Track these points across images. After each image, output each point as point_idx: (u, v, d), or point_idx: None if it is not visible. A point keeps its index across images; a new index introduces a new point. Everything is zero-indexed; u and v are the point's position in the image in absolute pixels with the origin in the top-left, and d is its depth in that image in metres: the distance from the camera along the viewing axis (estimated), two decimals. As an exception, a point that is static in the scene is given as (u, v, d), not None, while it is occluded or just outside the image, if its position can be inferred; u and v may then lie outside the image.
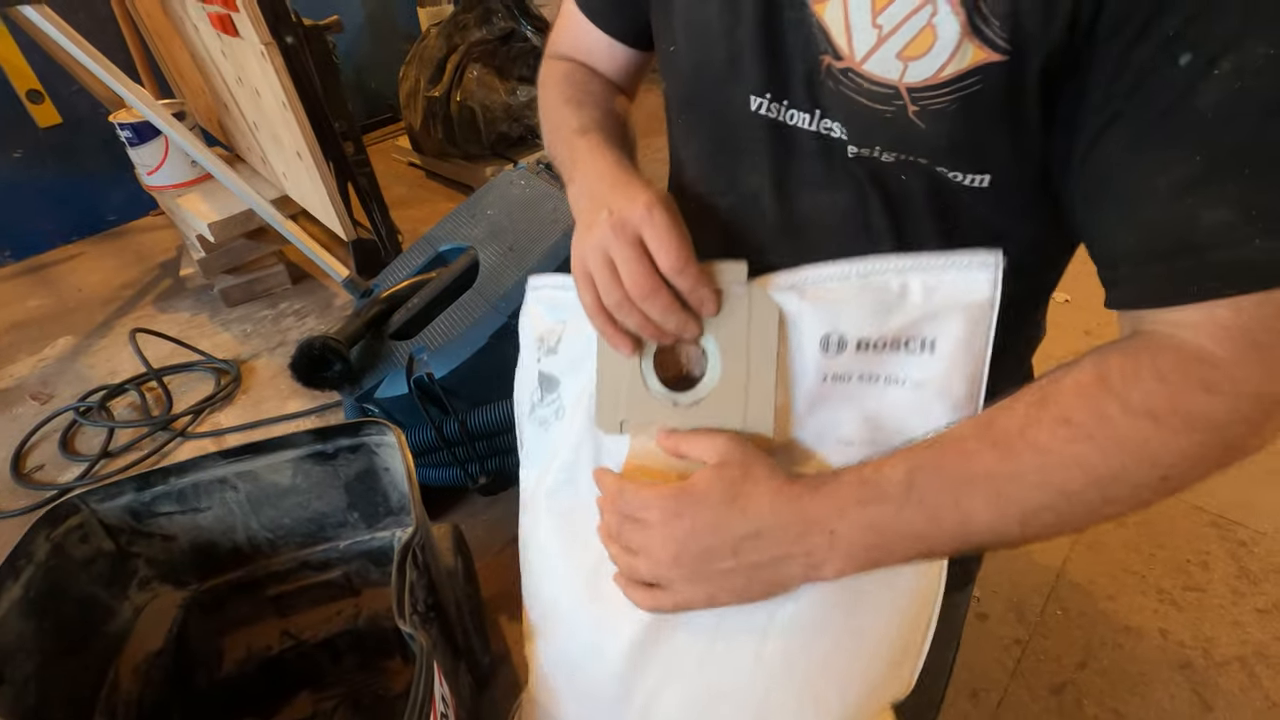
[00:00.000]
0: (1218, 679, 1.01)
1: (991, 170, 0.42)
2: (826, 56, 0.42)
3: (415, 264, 1.40)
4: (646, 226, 0.45)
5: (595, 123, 0.57)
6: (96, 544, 0.85)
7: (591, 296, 0.47)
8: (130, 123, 1.88)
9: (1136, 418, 0.36)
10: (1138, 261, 0.37)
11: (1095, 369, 0.38)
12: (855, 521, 0.42)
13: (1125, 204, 0.37)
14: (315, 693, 1.01)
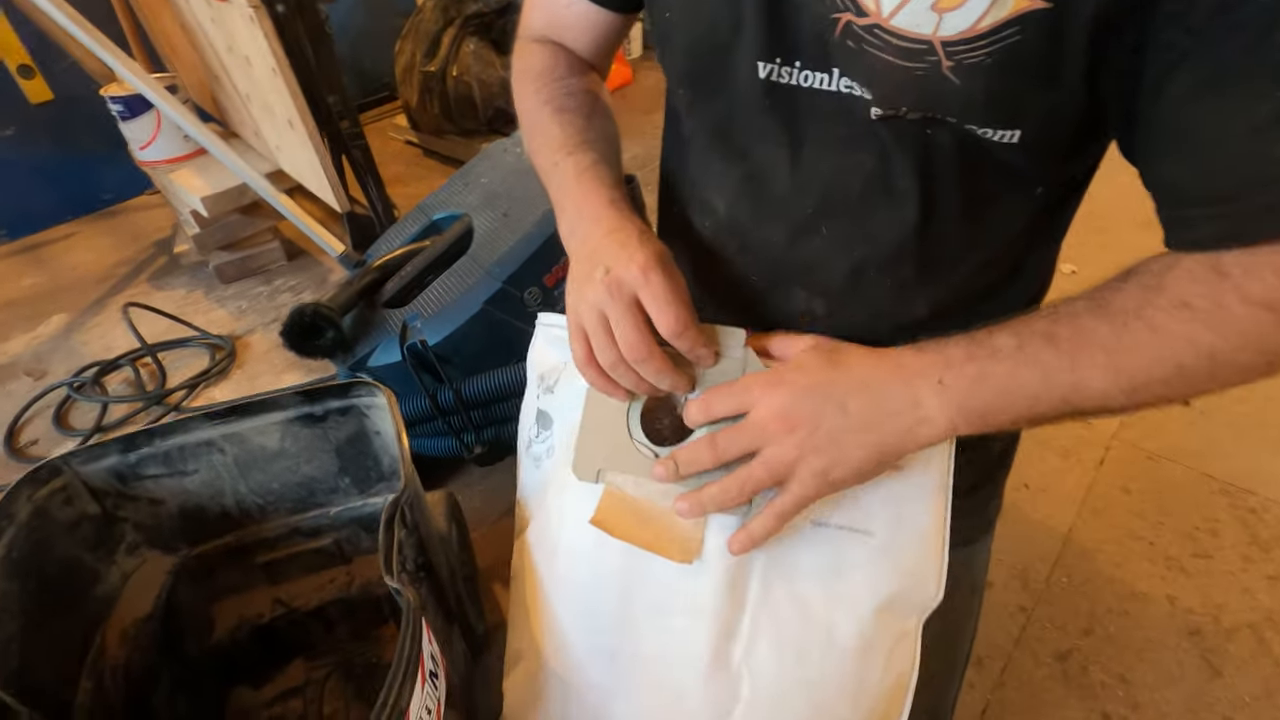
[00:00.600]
0: (1227, 645, 0.99)
1: (1023, 126, 0.40)
2: (845, 14, 0.40)
3: (409, 233, 1.38)
4: (644, 290, 0.45)
5: (581, 137, 0.55)
6: (81, 507, 0.83)
7: (584, 350, 0.48)
8: (121, 96, 1.85)
9: (1254, 308, 0.36)
10: (1212, 203, 0.36)
11: (1209, 259, 0.38)
12: (964, 373, 0.42)
13: (1200, 147, 0.36)
14: (308, 661, 1.00)
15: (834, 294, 0.53)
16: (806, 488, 0.44)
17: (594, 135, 0.56)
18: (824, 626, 0.50)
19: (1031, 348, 0.41)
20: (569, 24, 0.60)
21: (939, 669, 0.68)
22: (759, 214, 0.52)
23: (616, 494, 0.51)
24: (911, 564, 0.49)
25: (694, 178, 0.56)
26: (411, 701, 0.57)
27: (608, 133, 0.59)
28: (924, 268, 0.50)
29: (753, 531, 0.46)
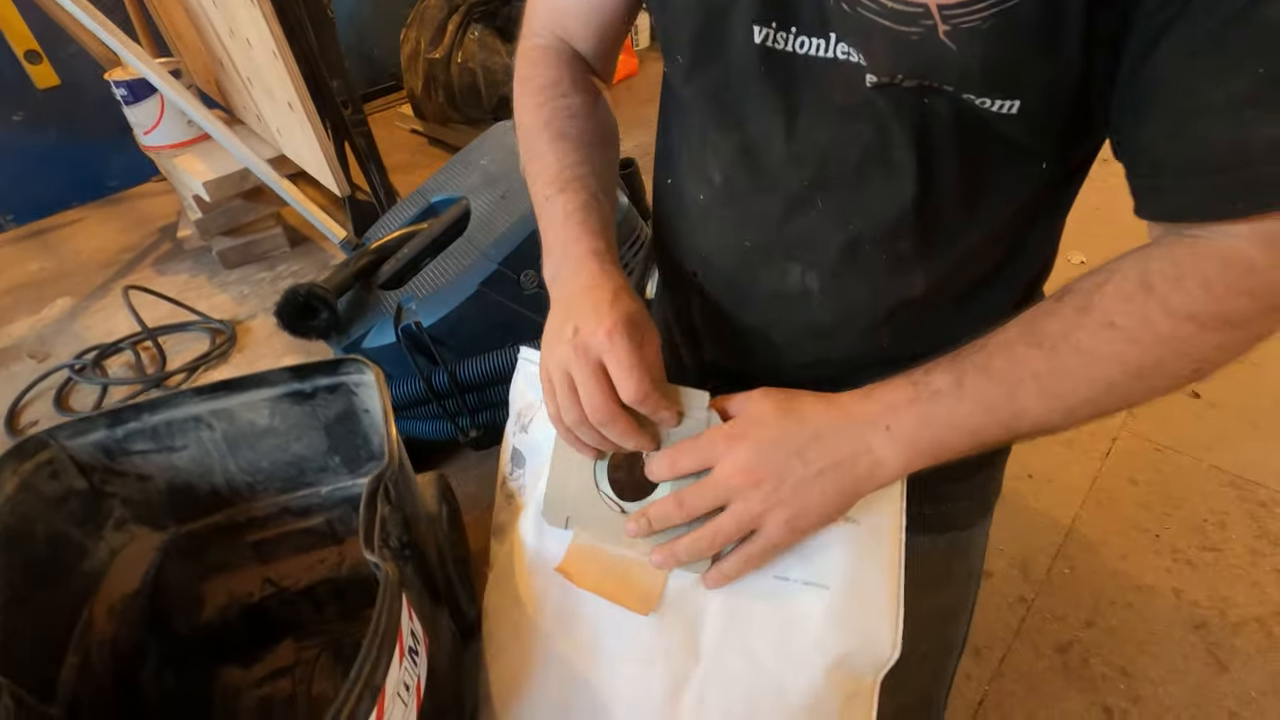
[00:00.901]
0: (1234, 639, 0.96)
1: (1023, 96, 0.39)
2: None
3: (407, 215, 1.37)
4: (608, 355, 0.46)
5: (574, 171, 0.55)
6: (68, 481, 0.82)
7: (554, 408, 0.49)
8: (125, 80, 1.85)
9: (1178, 320, 0.37)
10: (1186, 173, 0.36)
11: (1138, 274, 0.39)
12: (908, 418, 0.43)
13: (1177, 116, 0.36)
14: (297, 641, 0.99)
15: (830, 268, 0.52)
16: (775, 537, 0.46)
17: (589, 169, 0.56)
18: (775, 682, 0.50)
19: (969, 383, 0.42)
20: (572, 12, 0.59)
21: (932, 651, 0.67)
22: (754, 185, 0.51)
23: (583, 546, 0.53)
24: (864, 620, 0.50)
25: (690, 149, 0.55)
26: (388, 677, 0.56)
27: (604, 162, 0.58)
28: (921, 243, 0.49)
29: (725, 571, 0.48)
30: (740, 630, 0.51)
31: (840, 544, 0.50)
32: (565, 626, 0.56)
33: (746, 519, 0.45)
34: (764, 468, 0.45)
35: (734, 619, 0.51)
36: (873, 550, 0.50)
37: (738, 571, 0.48)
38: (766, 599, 0.50)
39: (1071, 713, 0.91)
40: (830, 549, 0.50)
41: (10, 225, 2.36)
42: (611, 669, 0.54)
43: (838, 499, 0.45)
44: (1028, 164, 0.46)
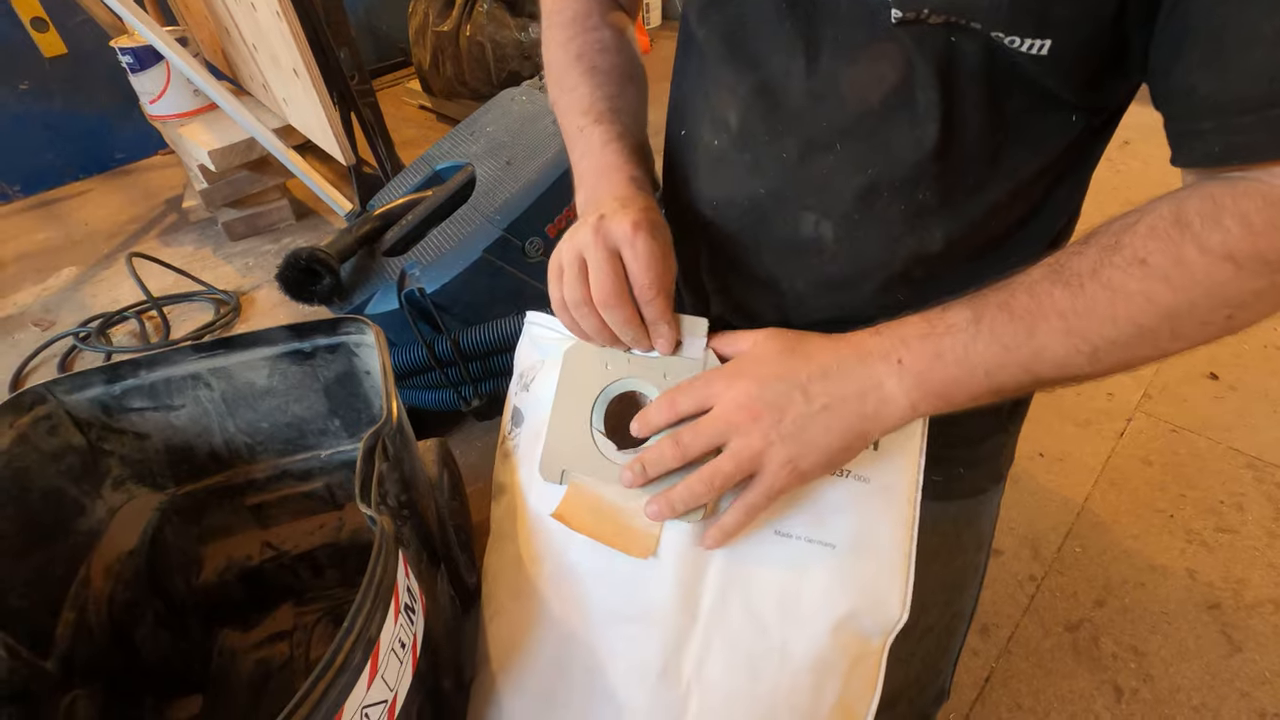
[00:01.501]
0: (1248, 620, 0.94)
1: (1053, 35, 0.37)
2: None
3: (412, 183, 1.35)
4: (627, 246, 0.45)
5: (609, 104, 0.54)
6: (65, 437, 0.81)
7: (558, 291, 0.48)
8: (131, 48, 1.84)
9: (1215, 259, 0.35)
10: (1231, 111, 0.34)
11: (1172, 211, 0.37)
12: (921, 351, 0.41)
13: (1222, 50, 0.34)
14: (297, 606, 0.99)
15: (845, 217, 0.50)
16: (777, 479, 0.43)
17: (623, 103, 0.55)
18: (778, 642, 0.49)
19: (988, 319, 0.40)
20: None
21: (939, 622, 0.65)
22: (771, 128, 0.49)
23: (578, 489, 0.52)
24: (872, 579, 0.48)
25: (705, 94, 0.54)
26: (383, 631, 0.55)
27: (637, 98, 0.58)
28: (942, 194, 0.47)
29: (725, 525, 0.46)
30: (741, 589, 0.49)
31: (849, 502, 0.48)
32: (562, 585, 0.54)
33: (746, 457, 0.43)
34: (764, 402, 0.43)
35: (735, 578, 0.49)
36: (884, 509, 0.48)
37: (738, 525, 0.46)
38: (769, 557, 0.49)
39: (1080, 691, 0.89)
40: (838, 507, 0.48)
41: (17, 195, 2.36)
42: (609, 628, 0.53)
43: (842, 438, 0.43)
44: (1055, 113, 0.44)
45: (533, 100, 1.30)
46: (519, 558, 0.58)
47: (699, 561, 0.50)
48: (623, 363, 0.52)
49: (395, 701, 0.56)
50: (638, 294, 0.46)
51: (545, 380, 0.57)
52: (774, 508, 0.48)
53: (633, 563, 0.52)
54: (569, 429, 0.52)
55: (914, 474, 0.49)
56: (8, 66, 2.20)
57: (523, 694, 0.57)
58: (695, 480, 0.44)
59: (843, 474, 0.49)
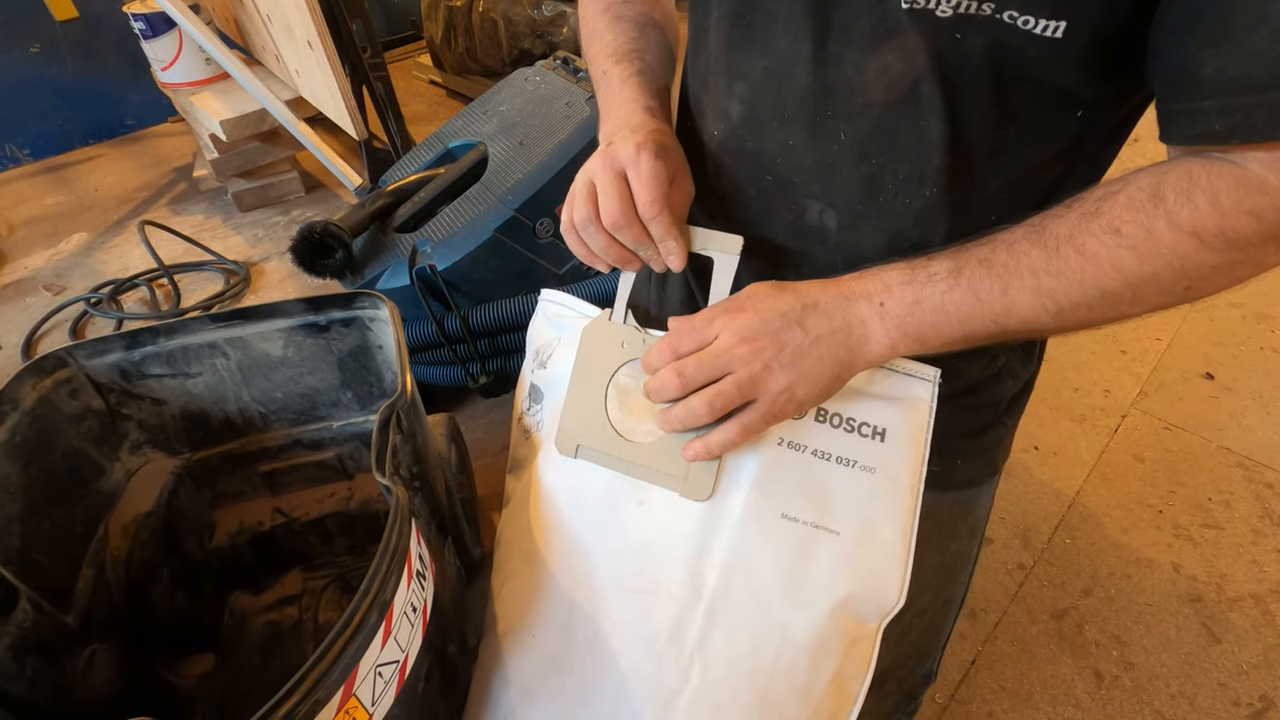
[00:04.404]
0: (1229, 614, 0.97)
1: (1069, 16, 0.37)
2: None
3: (424, 159, 1.36)
4: (631, 166, 0.47)
5: (630, 46, 0.57)
6: (86, 401, 0.84)
7: (568, 215, 0.50)
8: (144, 13, 1.83)
9: (1182, 234, 0.37)
10: (1232, 91, 0.35)
11: (1150, 185, 0.39)
12: (902, 296, 0.44)
13: (1229, 32, 0.34)
14: (305, 571, 1.02)
15: (848, 206, 0.51)
16: (775, 404, 0.46)
17: (644, 44, 0.58)
18: (780, 621, 0.51)
19: (967, 272, 0.43)
20: None
21: (931, 605, 0.68)
22: (777, 115, 0.50)
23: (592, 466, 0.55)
24: (873, 566, 0.50)
25: (713, 78, 0.55)
26: (397, 594, 0.58)
27: (658, 42, 0.60)
28: (946, 189, 0.48)
29: (710, 440, 0.48)
30: (746, 569, 0.51)
31: (855, 490, 0.50)
32: (572, 557, 0.57)
33: (746, 381, 0.45)
34: (764, 334, 0.45)
35: (741, 558, 0.51)
36: (888, 498, 0.51)
37: (728, 441, 0.48)
38: (775, 540, 0.51)
39: (1062, 676, 0.92)
40: (844, 495, 0.50)
41: (26, 159, 2.36)
42: (616, 599, 0.55)
43: (833, 368, 0.46)
44: (1062, 110, 0.44)
45: (546, 81, 1.30)
46: (532, 526, 0.60)
47: (706, 540, 0.52)
48: (638, 341, 0.54)
49: (406, 662, 0.58)
50: (641, 211, 0.47)
51: (562, 358, 0.59)
52: (780, 493, 0.50)
53: (642, 538, 0.54)
54: (585, 405, 0.54)
55: (918, 465, 0.51)
56: (18, 28, 2.19)
57: (529, 657, 0.60)
58: (697, 399, 0.47)
59: (849, 463, 0.51)
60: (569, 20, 2.37)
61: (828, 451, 0.51)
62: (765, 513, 0.51)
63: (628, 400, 0.55)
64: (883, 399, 0.51)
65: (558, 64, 1.33)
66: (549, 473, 0.59)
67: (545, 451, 0.60)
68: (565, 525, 0.57)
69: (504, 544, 0.65)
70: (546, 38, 2.38)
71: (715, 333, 0.47)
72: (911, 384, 0.51)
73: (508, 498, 0.67)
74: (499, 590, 0.64)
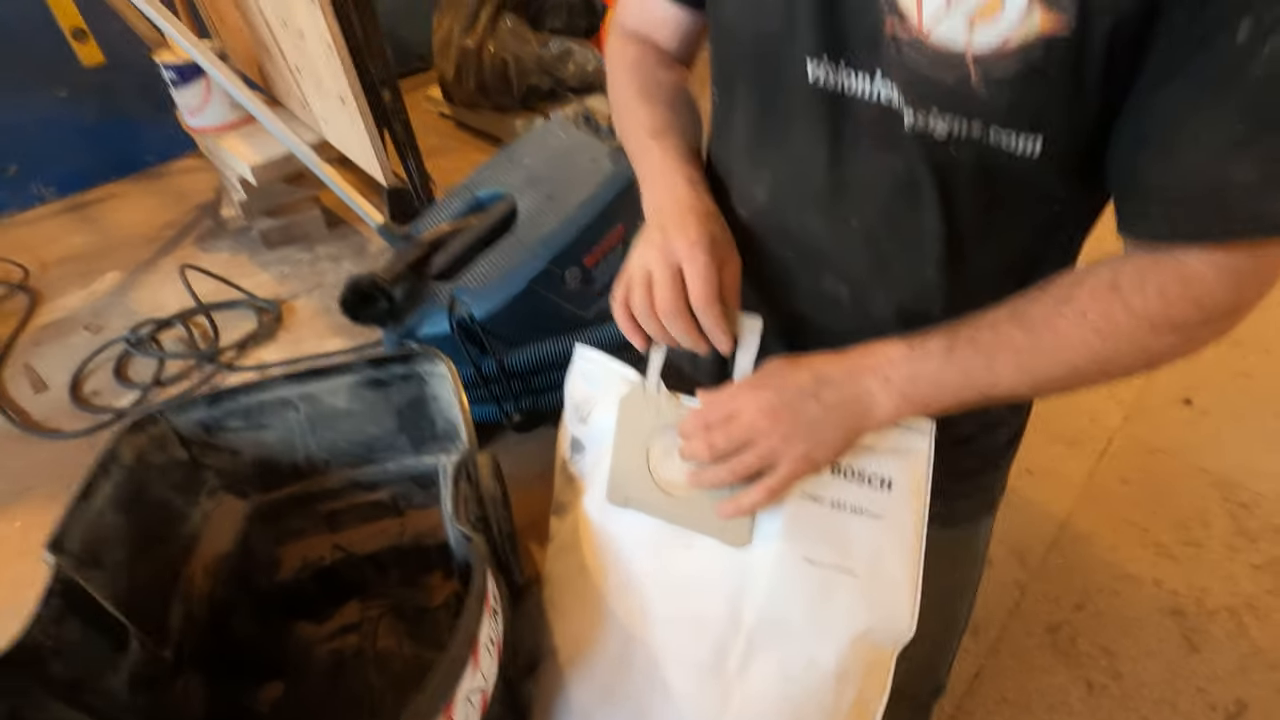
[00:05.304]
0: (1207, 625, 1.07)
1: (1045, 131, 0.44)
2: (891, 19, 0.44)
3: (455, 209, 1.45)
4: (687, 263, 0.52)
5: (666, 123, 0.63)
6: (172, 453, 0.92)
7: (623, 296, 0.56)
8: (174, 64, 1.92)
9: (1137, 319, 0.44)
10: (1168, 205, 0.42)
11: (1110, 276, 0.46)
12: (903, 372, 0.51)
13: (1167, 154, 0.40)
14: (363, 601, 1.10)
15: (859, 281, 0.58)
16: (794, 468, 0.53)
17: (678, 120, 0.64)
18: (808, 650, 0.58)
19: (958, 350, 0.49)
20: (656, 22, 0.67)
21: (937, 628, 0.76)
22: (798, 201, 0.57)
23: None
24: (886, 601, 0.57)
25: (737, 164, 0.62)
26: (480, 630, 0.66)
27: (690, 119, 0.66)
28: (942, 268, 0.55)
29: (741, 501, 0.56)
30: (777, 606, 0.59)
31: (867, 536, 0.58)
32: (625, 594, 0.65)
33: (767, 451, 0.52)
34: (783, 407, 0.52)
35: (772, 596, 0.59)
36: (896, 542, 0.58)
37: (754, 503, 0.55)
38: (801, 580, 0.58)
39: (1058, 685, 1.01)
40: (858, 541, 0.58)
41: (51, 197, 2.43)
42: (665, 632, 0.63)
43: (844, 434, 0.53)
44: (1042, 205, 0.51)
45: (569, 135, 1.40)
46: (584, 567, 0.69)
47: (743, 581, 0.60)
48: (672, 408, 0.62)
49: (488, 689, 0.67)
50: (694, 305, 0.52)
51: (602, 414, 0.67)
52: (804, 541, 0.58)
53: (687, 578, 0.63)
54: (630, 464, 0.63)
55: (921, 510, 0.58)
56: (46, 74, 2.27)
57: (588, 684, 0.68)
58: (724, 468, 0.54)
59: (861, 512, 0.59)
60: (574, 57, 2.47)
61: (842, 501, 0.58)
62: (792, 557, 0.57)
63: (666, 459, 0.63)
64: (887, 452, 0.57)
65: (581, 120, 1.42)
66: (599, 520, 0.67)
67: (591, 499, 0.68)
68: (619, 566, 0.66)
69: (554, 581, 0.74)
70: (554, 74, 2.47)
71: (740, 407, 0.54)
72: (911, 436, 0.57)
73: (552, 536, 0.76)
74: (555, 623, 0.73)
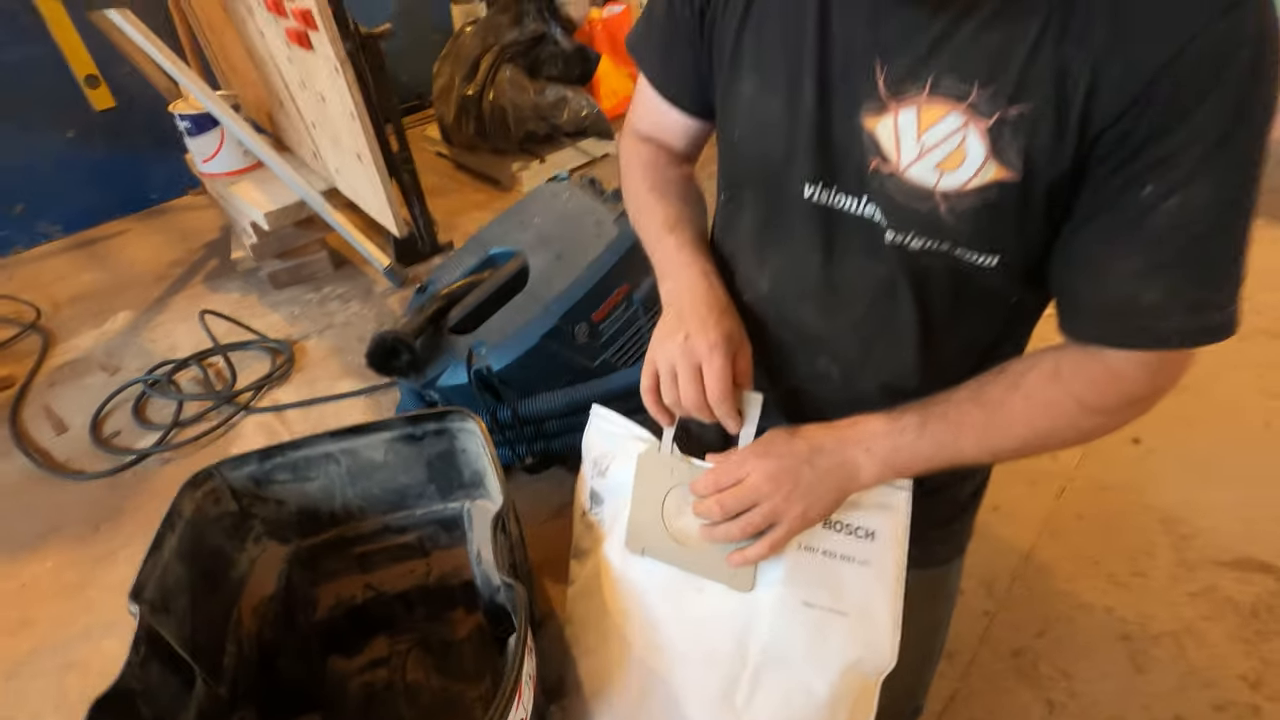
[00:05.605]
0: (1151, 649, 1.20)
1: (1000, 250, 0.54)
2: (875, 159, 0.54)
3: (468, 264, 1.55)
4: (707, 364, 0.62)
5: (679, 216, 0.72)
6: (225, 505, 1.01)
7: (651, 384, 0.66)
8: (190, 114, 2.00)
9: (1073, 402, 0.55)
10: (1095, 317, 0.53)
11: (1052, 366, 0.56)
12: (884, 444, 0.61)
13: (1093, 277, 0.51)
14: (391, 637, 1.19)
15: (848, 361, 0.68)
16: (794, 524, 0.63)
17: (689, 213, 0.74)
18: (806, 681, 0.68)
19: (930, 425, 0.59)
20: (667, 128, 0.76)
21: (917, 658, 0.88)
22: (796, 294, 0.67)
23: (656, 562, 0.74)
24: (871, 637, 0.67)
25: (743, 258, 0.72)
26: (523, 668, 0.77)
27: (699, 210, 0.77)
28: (917, 352, 0.66)
29: (748, 554, 0.66)
30: (779, 644, 0.69)
31: (855, 581, 0.69)
32: (644, 633, 0.75)
33: (770, 511, 0.62)
34: (784, 473, 0.62)
35: (774, 635, 0.69)
36: (879, 585, 0.69)
37: (759, 555, 0.65)
38: (799, 621, 0.69)
39: (1022, 705, 1.13)
40: (847, 584, 0.68)
41: (57, 235, 2.49)
42: (679, 668, 0.73)
43: (836, 496, 0.63)
44: (1000, 301, 0.63)
45: (574, 198, 1.51)
46: (605, 609, 0.79)
47: (749, 622, 0.70)
48: (685, 469, 0.72)
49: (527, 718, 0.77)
50: (710, 401, 0.62)
51: (619, 469, 0.77)
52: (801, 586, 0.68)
53: (700, 619, 0.74)
54: (646, 517, 0.73)
55: (901, 559, 0.69)
56: (56, 117, 2.34)
57: (612, 715, 0.79)
58: (734, 525, 0.64)
59: (850, 559, 0.70)
60: (569, 104, 2.60)
61: (834, 551, 0.67)
62: (792, 601, 0.67)
63: (679, 513, 0.73)
64: (872, 507, 0.66)
65: (585, 184, 1.54)
66: (619, 566, 0.77)
67: (611, 546, 0.78)
68: (638, 608, 0.75)
69: (577, 622, 0.84)
70: (550, 120, 2.60)
71: (747, 472, 0.63)
72: (892, 493, 0.66)
73: (574, 579, 0.86)
74: (580, 660, 0.83)
